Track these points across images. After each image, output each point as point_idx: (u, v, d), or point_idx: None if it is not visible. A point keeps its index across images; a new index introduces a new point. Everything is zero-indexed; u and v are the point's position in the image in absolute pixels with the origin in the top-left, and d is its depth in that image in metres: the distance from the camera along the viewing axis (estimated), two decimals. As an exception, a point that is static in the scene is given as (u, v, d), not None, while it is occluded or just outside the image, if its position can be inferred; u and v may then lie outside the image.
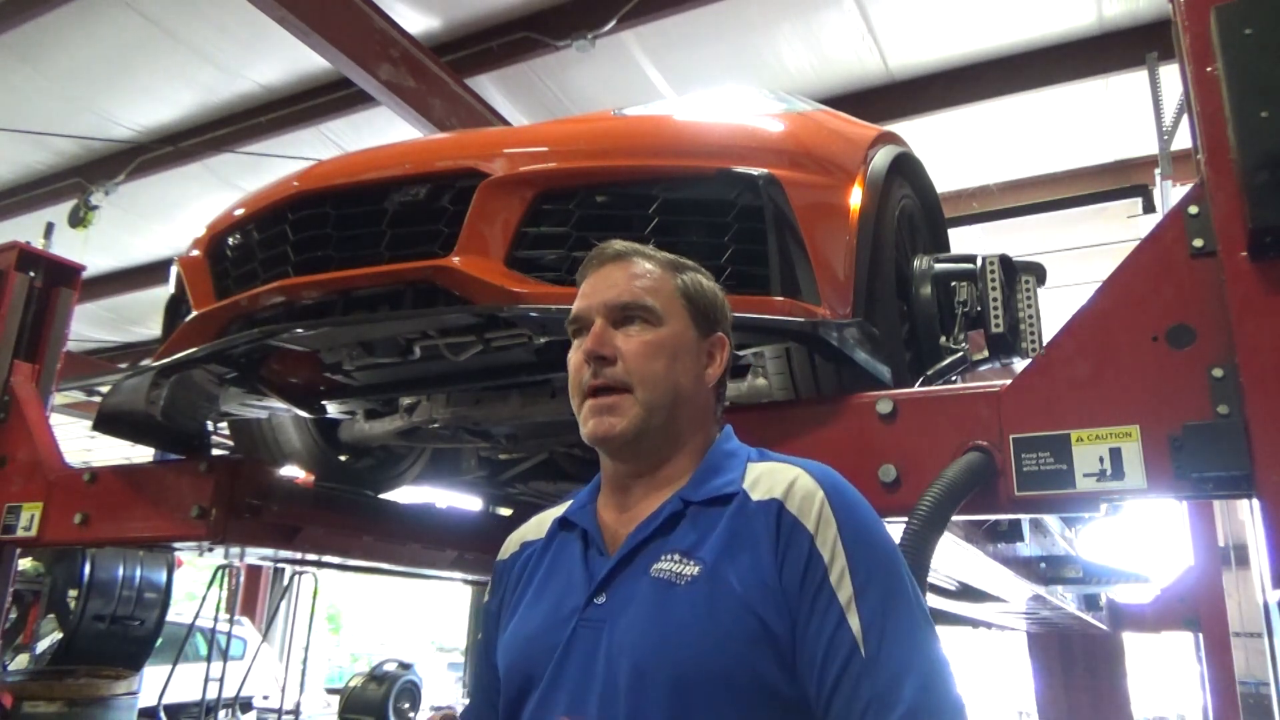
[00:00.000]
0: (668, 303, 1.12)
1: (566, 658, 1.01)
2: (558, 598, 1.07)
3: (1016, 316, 2.00)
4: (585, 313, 1.12)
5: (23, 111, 6.15)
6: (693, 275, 1.17)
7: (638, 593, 1.01)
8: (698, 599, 0.96)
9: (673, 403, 1.09)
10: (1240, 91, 1.27)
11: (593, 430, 1.08)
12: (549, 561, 1.14)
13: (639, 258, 1.15)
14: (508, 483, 2.94)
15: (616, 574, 1.04)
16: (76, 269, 3.11)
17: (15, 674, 4.93)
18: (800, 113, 1.99)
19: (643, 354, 1.08)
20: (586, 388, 1.09)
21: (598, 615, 1.01)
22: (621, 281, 1.12)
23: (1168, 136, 4.77)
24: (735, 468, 1.09)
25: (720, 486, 1.06)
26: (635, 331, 1.09)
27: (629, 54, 5.49)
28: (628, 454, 1.10)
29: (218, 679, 6.61)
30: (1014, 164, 6.44)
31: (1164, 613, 4.45)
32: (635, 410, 1.07)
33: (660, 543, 1.04)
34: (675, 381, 1.10)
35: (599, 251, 1.17)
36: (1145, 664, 6.90)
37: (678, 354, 1.11)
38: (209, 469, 2.19)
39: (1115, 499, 1.37)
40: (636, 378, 1.07)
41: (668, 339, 1.10)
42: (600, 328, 1.09)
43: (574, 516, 1.15)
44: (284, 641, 11.41)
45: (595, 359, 1.08)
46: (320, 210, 1.78)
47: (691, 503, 1.06)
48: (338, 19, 4.64)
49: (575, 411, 1.12)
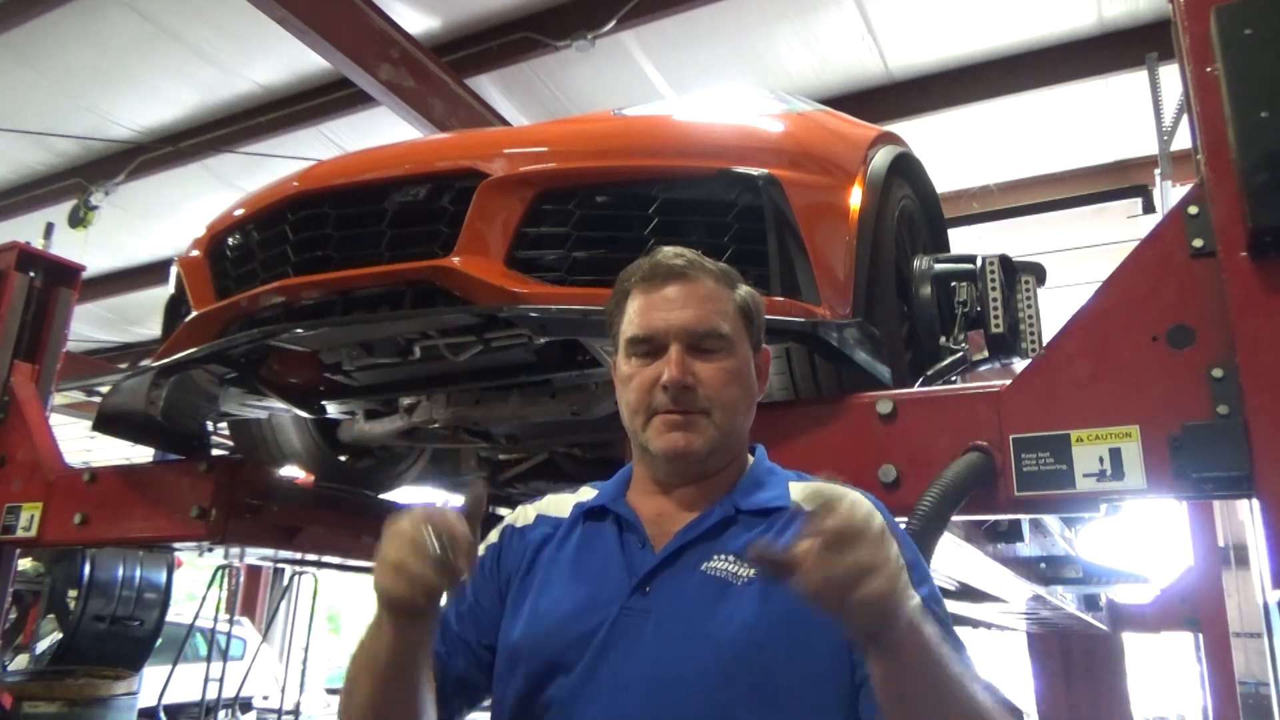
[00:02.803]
0: (735, 326, 1.14)
1: (607, 646, 1.02)
2: (593, 584, 1.08)
3: (1016, 316, 1.99)
4: (661, 336, 1.11)
5: (23, 111, 6.14)
6: (746, 290, 1.19)
7: (687, 589, 1.03)
8: (758, 599, 1.00)
9: (742, 425, 1.14)
10: (1240, 91, 1.27)
11: (667, 444, 1.09)
12: (577, 545, 1.14)
13: (702, 274, 1.14)
14: (508, 483, 2.94)
15: (662, 569, 1.06)
16: (76, 269, 3.11)
17: (15, 674, 4.93)
18: (800, 113, 1.99)
19: (723, 383, 1.10)
20: (660, 409, 1.09)
21: (642, 605, 1.03)
22: (694, 304, 1.11)
23: (1168, 137, 4.76)
24: (779, 485, 1.14)
25: (770, 499, 1.11)
26: (713, 360, 1.11)
27: (629, 54, 5.49)
28: (697, 470, 1.12)
29: (218, 679, 6.60)
30: (1014, 164, 6.43)
31: (1164, 613, 4.45)
32: (711, 432, 1.09)
33: (709, 545, 1.06)
34: (746, 405, 1.14)
35: (660, 264, 1.14)
36: (1145, 664, 6.90)
37: (746, 378, 1.14)
38: (209, 469, 2.19)
39: (1115, 499, 1.37)
40: (716, 404, 1.09)
41: (741, 366, 1.13)
42: (679, 355, 1.09)
43: (612, 506, 1.15)
44: (284, 641, 11.41)
45: (680, 389, 1.08)
46: (320, 210, 1.78)
47: (742, 511, 1.09)
48: (337, 19, 4.64)
49: (636, 427, 1.12)
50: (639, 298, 1.14)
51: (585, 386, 2.01)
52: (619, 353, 1.16)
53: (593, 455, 2.65)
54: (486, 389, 2.10)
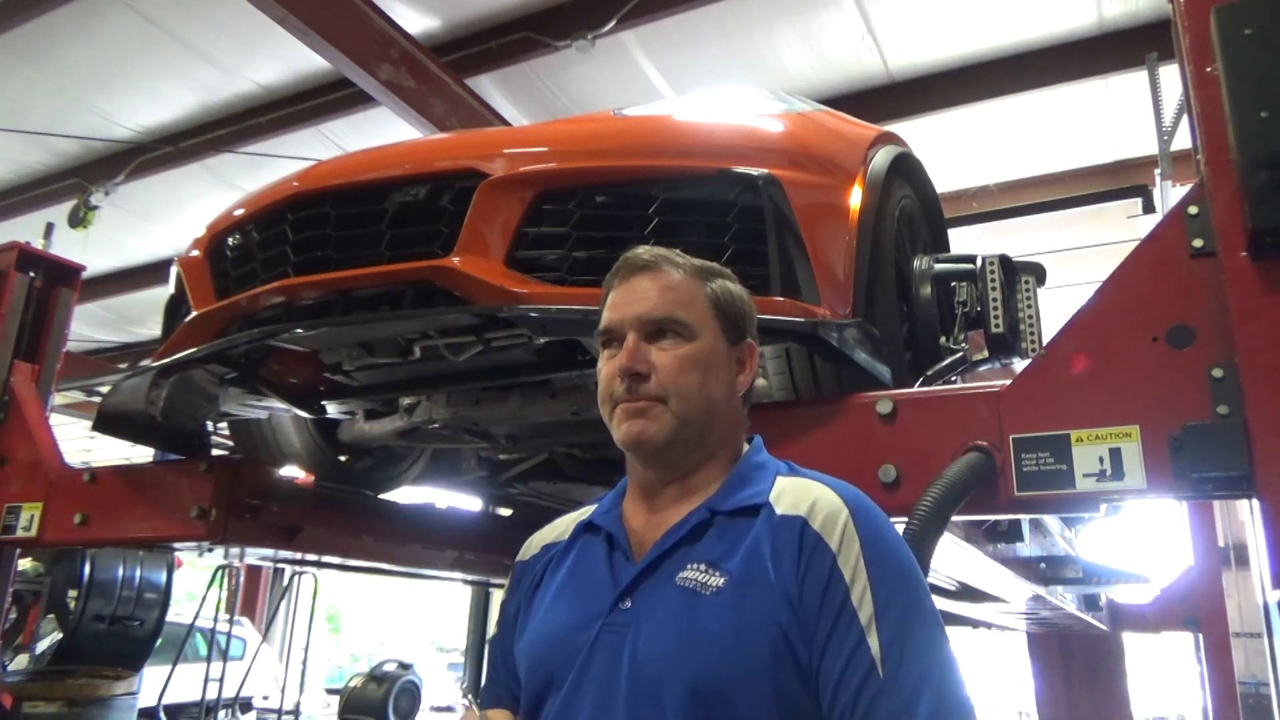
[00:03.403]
0: (699, 314, 1.12)
1: (590, 661, 1.01)
2: (581, 601, 1.08)
3: (1016, 317, 1.99)
4: (617, 325, 1.11)
5: (23, 111, 6.14)
6: (722, 283, 1.17)
7: (663, 600, 1.02)
8: (723, 610, 0.97)
9: (706, 415, 1.10)
10: (1240, 91, 1.27)
11: (625, 433, 1.08)
12: (571, 564, 1.15)
13: (669, 266, 1.14)
14: (508, 483, 2.94)
15: (642, 580, 1.05)
16: (76, 269, 3.11)
17: (15, 674, 4.93)
18: (800, 113, 1.99)
19: (677, 369, 1.08)
20: (619, 399, 1.09)
21: (623, 620, 1.02)
22: (653, 294, 1.11)
23: (1167, 137, 4.76)
24: (763, 480, 1.10)
25: (748, 498, 1.07)
26: (668, 345, 1.09)
27: (629, 54, 5.49)
28: (659, 460, 1.11)
29: (218, 679, 6.60)
30: (1014, 164, 6.43)
31: (1164, 613, 4.45)
32: (668, 418, 1.07)
33: (686, 551, 1.04)
34: (709, 395, 1.10)
35: (627, 260, 1.16)
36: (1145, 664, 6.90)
37: (710, 367, 1.11)
38: (209, 469, 2.19)
39: (1115, 499, 1.37)
40: (671, 391, 1.07)
41: (701, 352, 1.10)
42: (633, 343, 1.09)
43: (600, 520, 1.15)
44: (284, 641, 11.41)
45: (630, 375, 1.07)
46: (320, 210, 1.78)
47: (719, 513, 1.06)
48: (337, 19, 4.64)
49: (606, 419, 1.12)
50: (610, 295, 1.15)
51: (585, 386, 2.00)
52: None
53: (593, 455, 2.65)
54: (486, 389, 2.10)
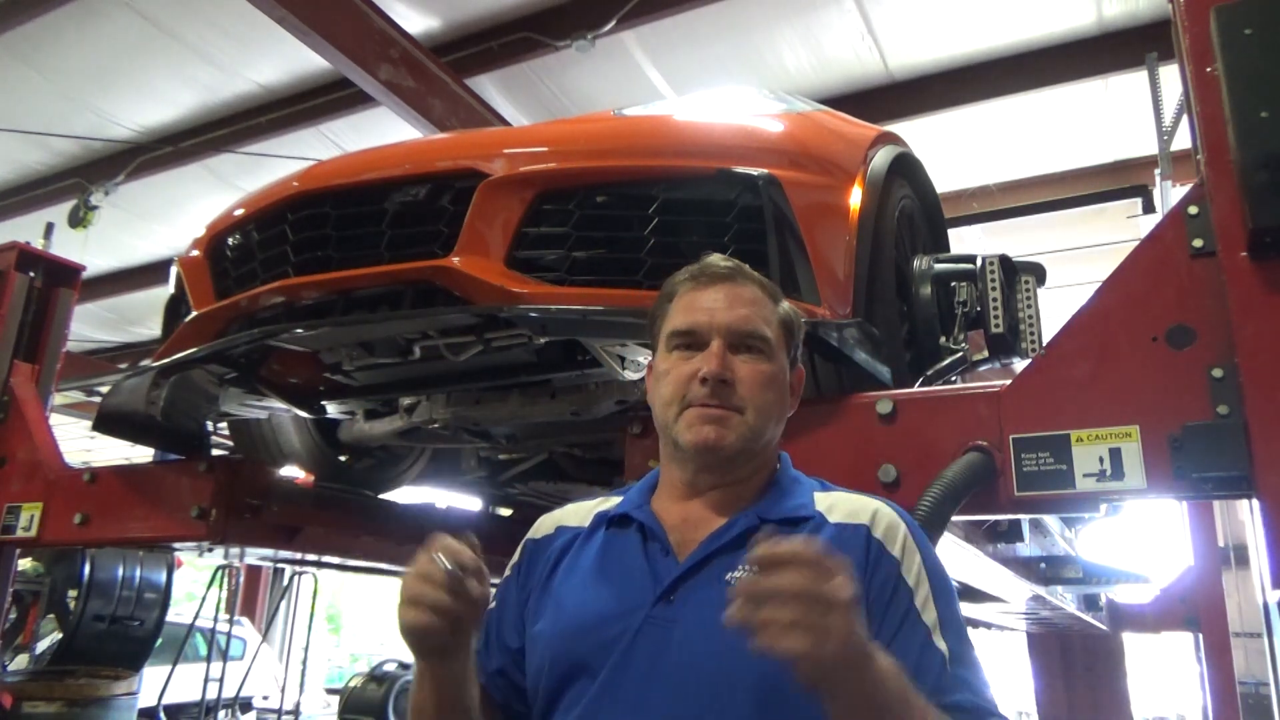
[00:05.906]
0: (776, 334, 1.16)
1: (632, 652, 1.02)
2: (617, 591, 1.08)
3: (1016, 317, 1.99)
4: (704, 330, 1.12)
5: (23, 111, 6.14)
6: (787, 305, 1.21)
7: (713, 600, 1.01)
8: None
9: (771, 432, 1.15)
10: (1240, 91, 1.27)
11: (697, 436, 1.09)
12: (599, 552, 1.14)
13: (746, 281, 1.17)
14: (508, 483, 2.94)
15: (688, 578, 1.05)
16: (76, 269, 3.11)
17: (15, 674, 4.93)
18: (800, 113, 1.99)
19: (760, 384, 1.11)
20: (695, 401, 1.10)
21: (668, 615, 1.03)
22: (740, 306, 1.14)
23: (1168, 137, 4.76)
24: (804, 494, 1.14)
25: (795, 508, 1.11)
26: (751, 360, 1.12)
27: (629, 54, 5.48)
28: (721, 467, 1.12)
29: (217, 679, 6.60)
30: (1014, 164, 6.43)
31: (1164, 613, 4.45)
32: (744, 430, 1.10)
33: (734, 555, 1.05)
34: (778, 413, 1.15)
35: (708, 266, 1.18)
36: (1145, 664, 6.90)
37: (781, 387, 1.16)
38: (209, 469, 2.19)
39: (1115, 499, 1.37)
40: (749, 404, 1.10)
41: (778, 373, 1.15)
42: (720, 350, 1.10)
43: (635, 514, 1.15)
44: (284, 641, 11.40)
45: (718, 381, 1.09)
46: (320, 210, 1.78)
47: (767, 521, 1.08)
48: (337, 19, 4.64)
49: (668, 418, 1.12)
50: (685, 296, 1.17)
51: (585, 386, 2.01)
52: (658, 350, 1.18)
53: (592, 455, 2.65)
54: (486, 389, 2.10)
